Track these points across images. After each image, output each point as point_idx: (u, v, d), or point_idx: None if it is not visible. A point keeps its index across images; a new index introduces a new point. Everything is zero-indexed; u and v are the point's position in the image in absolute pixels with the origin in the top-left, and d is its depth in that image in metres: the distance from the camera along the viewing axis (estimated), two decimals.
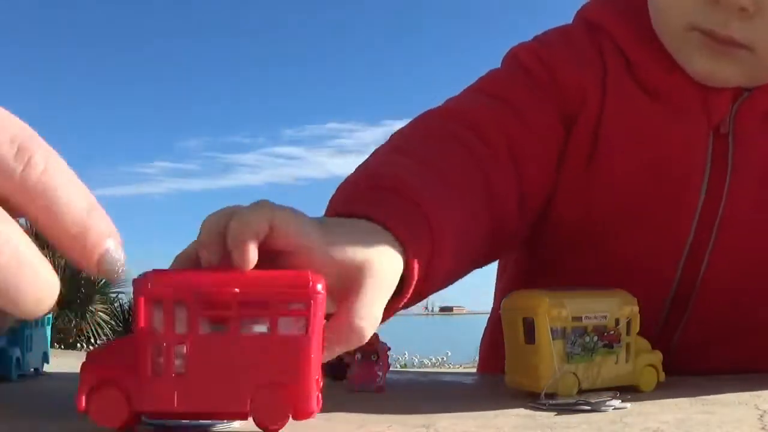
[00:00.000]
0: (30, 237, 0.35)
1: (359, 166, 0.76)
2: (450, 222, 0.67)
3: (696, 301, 0.90)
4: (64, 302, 7.70)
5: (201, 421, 0.54)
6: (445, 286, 0.75)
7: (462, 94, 0.90)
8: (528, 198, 0.84)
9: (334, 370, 0.83)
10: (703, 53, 0.82)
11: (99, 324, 8.11)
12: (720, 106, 0.85)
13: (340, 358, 0.75)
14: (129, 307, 8.40)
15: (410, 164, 0.72)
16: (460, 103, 0.88)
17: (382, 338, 0.85)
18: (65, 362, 1.05)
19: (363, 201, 0.65)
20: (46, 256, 0.36)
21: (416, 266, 0.62)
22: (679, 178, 0.86)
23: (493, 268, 1.14)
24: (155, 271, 0.50)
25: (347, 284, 0.56)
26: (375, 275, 0.56)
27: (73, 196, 0.35)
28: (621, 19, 0.89)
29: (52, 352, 0.95)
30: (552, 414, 0.64)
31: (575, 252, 0.93)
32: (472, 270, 0.82)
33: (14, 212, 0.34)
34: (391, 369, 0.83)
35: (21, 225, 0.35)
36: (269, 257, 0.53)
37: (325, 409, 0.68)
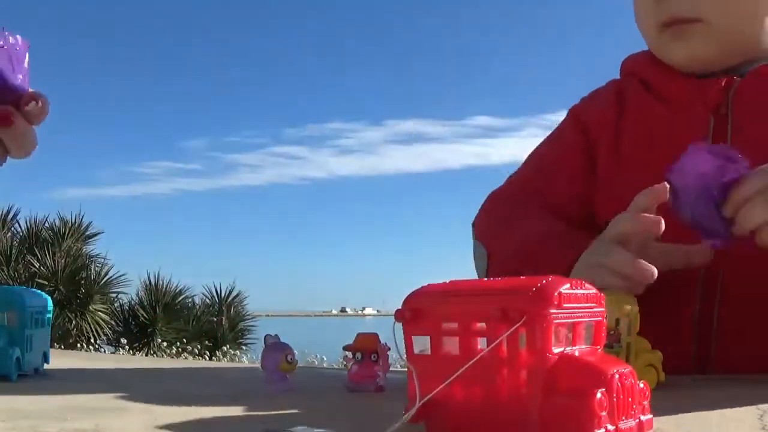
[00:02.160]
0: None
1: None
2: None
3: (725, 275, 0.91)
4: (64, 302, 7.70)
5: None
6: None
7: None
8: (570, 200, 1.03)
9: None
10: (672, 42, 0.94)
11: (99, 324, 8.12)
12: (713, 92, 0.93)
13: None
14: (129, 307, 8.41)
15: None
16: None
17: (382, 339, 0.85)
18: (65, 362, 1.05)
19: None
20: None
21: None
22: None
23: None
24: None
25: None
26: None
27: None
28: (642, 59, 1.05)
29: (52, 352, 0.95)
30: None
31: None
32: None
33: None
34: (391, 369, 0.84)
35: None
36: None
37: (325, 409, 0.68)
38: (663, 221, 0.75)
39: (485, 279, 0.55)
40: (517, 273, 0.64)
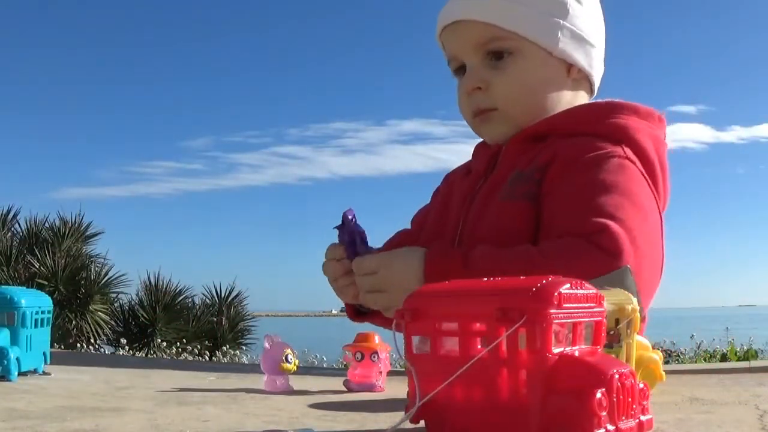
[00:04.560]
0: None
1: None
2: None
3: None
4: (64, 302, 7.69)
5: None
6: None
7: None
8: None
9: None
10: (481, 126, 1.25)
11: (99, 324, 8.10)
12: (485, 159, 1.26)
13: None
14: (129, 307, 8.39)
15: None
16: None
17: (382, 339, 0.85)
18: (65, 362, 1.05)
19: None
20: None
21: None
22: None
23: None
24: None
25: None
26: None
27: None
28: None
29: (52, 353, 0.95)
30: None
31: None
32: None
33: None
34: (391, 369, 0.83)
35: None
36: None
37: (325, 409, 0.68)
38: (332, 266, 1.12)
39: (485, 279, 0.55)
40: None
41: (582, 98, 1.29)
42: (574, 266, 0.88)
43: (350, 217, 1.13)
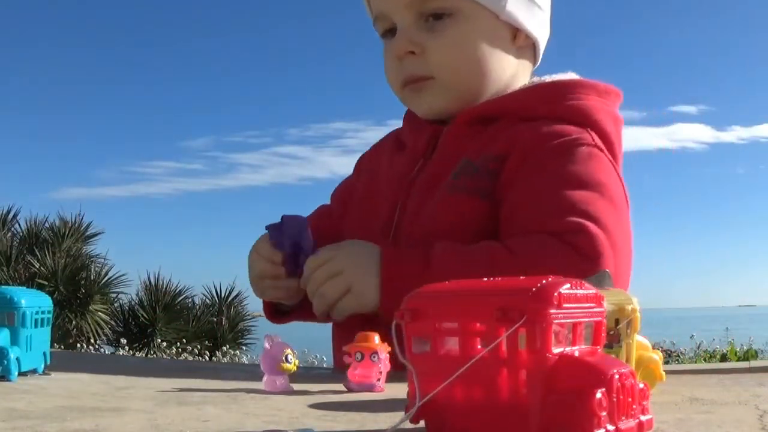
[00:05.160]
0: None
1: None
2: None
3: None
4: (64, 302, 7.70)
5: None
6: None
7: None
8: None
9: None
10: (412, 97, 1.12)
11: (99, 324, 8.10)
12: (422, 139, 1.14)
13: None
14: (129, 307, 8.39)
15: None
16: None
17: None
18: (65, 362, 1.05)
19: None
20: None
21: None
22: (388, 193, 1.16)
23: None
24: None
25: None
26: None
27: None
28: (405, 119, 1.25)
29: (52, 352, 0.95)
30: None
31: None
32: None
33: None
34: (390, 369, 0.83)
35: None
36: None
37: (325, 409, 0.68)
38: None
39: (485, 279, 0.55)
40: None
41: (526, 68, 1.16)
42: (546, 266, 0.76)
43: (297, 224, 1.04)
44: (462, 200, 1.05)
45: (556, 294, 0.48)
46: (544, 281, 0.49)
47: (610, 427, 0.46)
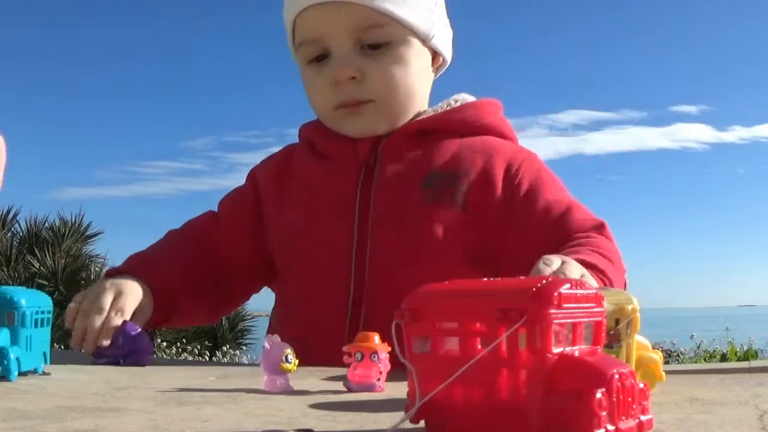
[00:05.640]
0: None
1: None
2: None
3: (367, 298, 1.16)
4: (64, 302, 7.69)
5: None
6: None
7: None
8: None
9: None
10: (348, 119, 1.18)
11: None
12: (364, 149, 1.19)
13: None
14: None
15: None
16: None
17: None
18: (65, 362, 1.05)
19: None
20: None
21: None
22: (336, 209, 1.19)
23: None
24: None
25: None
26: None
27: None
28: (311, 127, 1.31)
29: (52, 352, 0.95)
30: None
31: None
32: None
33: None
34: (390, 369, 0.83)
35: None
36: None
37: (325, 409, 0.68)
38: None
39: (485, 279, 0.55)
40: None
41: (430, 87, 1.28)
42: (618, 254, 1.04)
43: (132, 332, 1.07)
44: (443, 210, 1.14)
45: (556, 294, 0.48)
46: (544, 281, 0.49)
47: (610, 427, 0.46)
